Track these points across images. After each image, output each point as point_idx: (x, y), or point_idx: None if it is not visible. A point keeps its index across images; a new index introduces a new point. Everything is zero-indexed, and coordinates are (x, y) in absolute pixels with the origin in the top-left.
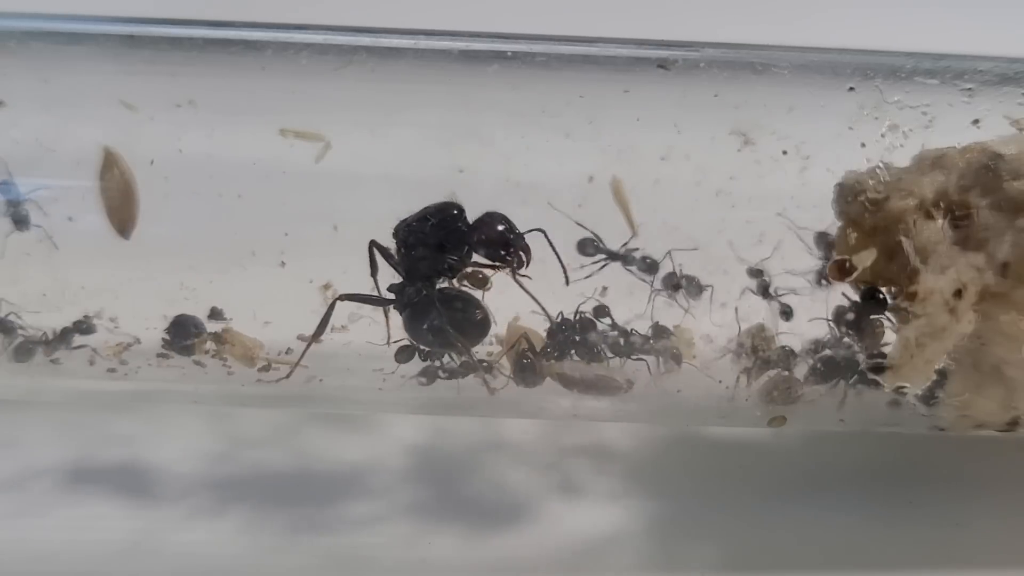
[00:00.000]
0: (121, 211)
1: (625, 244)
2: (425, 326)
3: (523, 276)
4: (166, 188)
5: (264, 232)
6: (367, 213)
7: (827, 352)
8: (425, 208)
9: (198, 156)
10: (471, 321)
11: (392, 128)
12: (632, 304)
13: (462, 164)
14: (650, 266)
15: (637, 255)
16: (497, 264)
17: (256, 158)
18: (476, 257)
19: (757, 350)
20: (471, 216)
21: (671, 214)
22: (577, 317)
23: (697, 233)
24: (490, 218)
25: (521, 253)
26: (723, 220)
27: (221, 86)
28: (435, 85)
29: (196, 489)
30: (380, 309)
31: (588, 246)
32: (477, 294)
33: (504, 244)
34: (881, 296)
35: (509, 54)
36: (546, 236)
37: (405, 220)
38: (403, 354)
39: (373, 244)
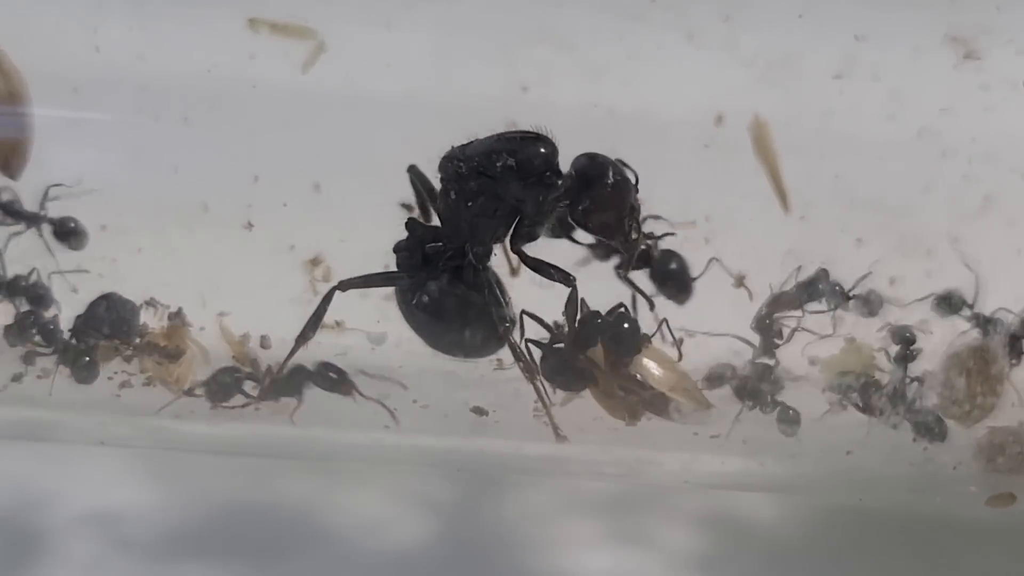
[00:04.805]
0: (7, 137)
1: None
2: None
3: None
4: (75, 104)
5: (222, 176)
6: (377, 149)
7: None
8: (497, 136)
9: (124, 57)
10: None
11: (418, 23)
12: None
13: (526, 80)
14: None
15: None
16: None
17: (212, 63)
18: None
19: (976, 389)
20: None
21: (848, 164)
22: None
23: (889, 193)
24: (608, 171)
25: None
26: (929, 174)
27: None
28: None
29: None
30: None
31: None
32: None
33: (625, 212)
34: None
35: None
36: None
37: (462, 148)
38: None
39: (413, 171)
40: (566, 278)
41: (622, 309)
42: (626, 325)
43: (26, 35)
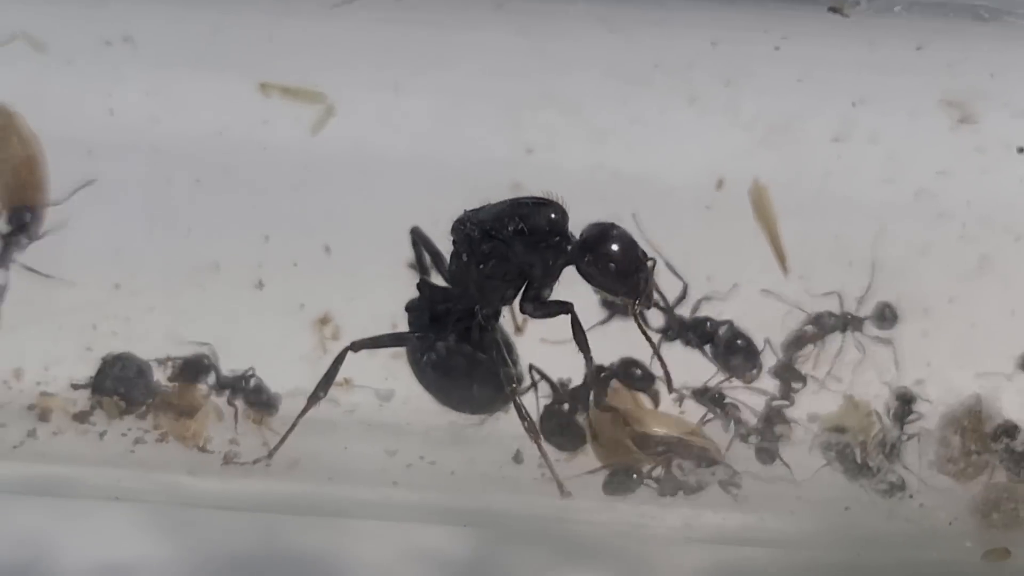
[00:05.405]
0: (21, 199)
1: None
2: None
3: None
4: (89, 167)
5: (233, 236)
6: (385, 211)
7: None
8: (509, 202)
9: (137, 120)
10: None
11: (425, 86)
12: None
13: (532, 142)
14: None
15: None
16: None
17: (224, 126)
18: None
19: (970, 447)
20: None
21: (846, 225)
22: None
23: (886, 254)
24: (612, 234)
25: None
26: (926, 235)
27: (172, 16)
28: (490, 23)
29: None
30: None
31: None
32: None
33: (634, 272)
34: None
35: None
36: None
37: (474, 212)
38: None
39: (416, 233)
40: (563, 307)
41: (626, 357)
42: (637, 371)
43: (43, 99)
